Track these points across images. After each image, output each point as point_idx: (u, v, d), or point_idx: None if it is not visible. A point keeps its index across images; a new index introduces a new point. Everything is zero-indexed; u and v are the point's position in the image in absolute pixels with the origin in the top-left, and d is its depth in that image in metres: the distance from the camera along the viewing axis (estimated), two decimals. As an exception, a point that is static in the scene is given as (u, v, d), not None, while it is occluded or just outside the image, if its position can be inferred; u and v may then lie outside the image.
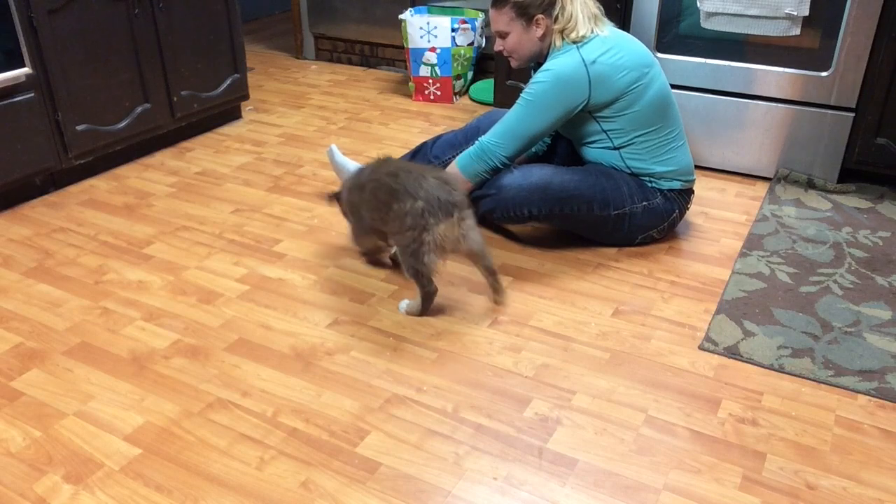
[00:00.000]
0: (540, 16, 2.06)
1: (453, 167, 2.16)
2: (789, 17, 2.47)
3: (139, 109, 2.83)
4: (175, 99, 2.95)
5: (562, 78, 2.02)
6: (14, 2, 2.32)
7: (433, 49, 3.55)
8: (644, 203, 2.15)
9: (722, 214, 2.49)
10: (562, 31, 2.07)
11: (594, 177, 2.13)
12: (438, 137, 2.54)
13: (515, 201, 2.11)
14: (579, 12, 2.06)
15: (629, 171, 2.16)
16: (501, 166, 2.12)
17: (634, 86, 2.05)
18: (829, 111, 2.57)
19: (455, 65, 3.59)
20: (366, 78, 4.09)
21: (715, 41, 2.66)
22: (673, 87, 2.75)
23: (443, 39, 3.52)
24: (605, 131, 2.12)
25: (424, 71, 3.61)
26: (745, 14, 2.52)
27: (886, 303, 1.98)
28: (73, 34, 2.53)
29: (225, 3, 3.07)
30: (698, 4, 2.57)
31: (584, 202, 2.11)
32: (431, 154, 2.51)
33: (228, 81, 3.18)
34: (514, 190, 2.10)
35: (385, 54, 4.21)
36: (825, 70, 2.52)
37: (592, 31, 2.06)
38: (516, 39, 2.12)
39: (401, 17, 3.61)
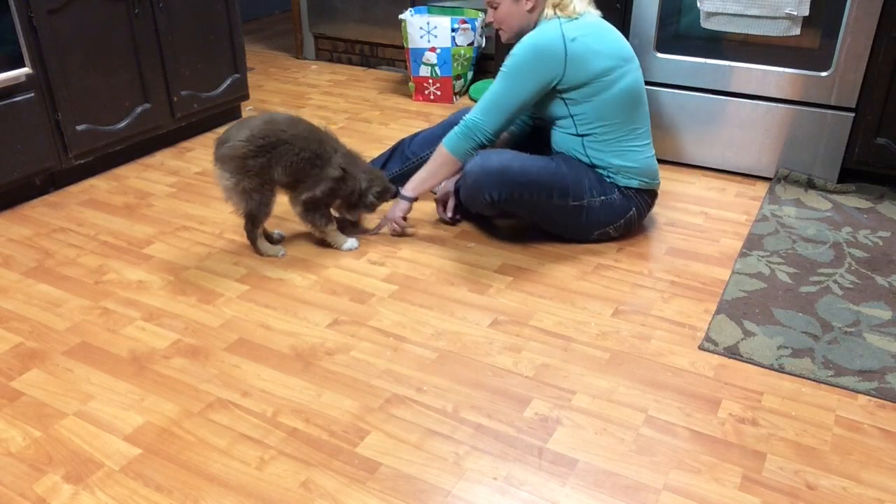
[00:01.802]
0: None
1: (441, 149, 2.18)
2: (789, 17, 2.47)
3: (139, 109, 2.83)
4: (175, 99, 2.95)
5: (538, 49, 2.03)
6: (14, 2, 2.32)
7: (433, 49, 3.55)
8: (602, 198, 2.16)
9: (722, 214, 2.49)
10: (556, 6, 2.08)
11: (555, 164, 2.14)
12: (416, 135, 2.54)
13: (477, 186, 2.11)
14: None
15: (589, 163, 2.17)
16: (487, 142, 2.13)
17: (608, 75, 2.06)
18: (829, 111, 2.57)
19: (455, 65, 3.59)
20: (366, 78, 4.09)
21: (715, 41, 2.66)
22: (673, 86, 2.75)
23: (443, 39, 3.52)
24: (571, 115, 2.13)
25: (424, 71, 3.61)
26: (745, 14, 2.52)
27: (886, 303, 1.98)
28: (73, 34, 2.53)
29: (225, 3, 3.06)
30: (698, 4, 2.57)
31: (543, 188, 2.11)
32: (409, 151, 2.52)
33: (228, 81, 3.18)
34: (474, 175, 2.11)
35: (385, 54, 4.21)
36: (825, 70, 2.52)
37: (585, 10, 2.09)
38: (506, 10, 2.12)
39: (401, 17, 3.61)
